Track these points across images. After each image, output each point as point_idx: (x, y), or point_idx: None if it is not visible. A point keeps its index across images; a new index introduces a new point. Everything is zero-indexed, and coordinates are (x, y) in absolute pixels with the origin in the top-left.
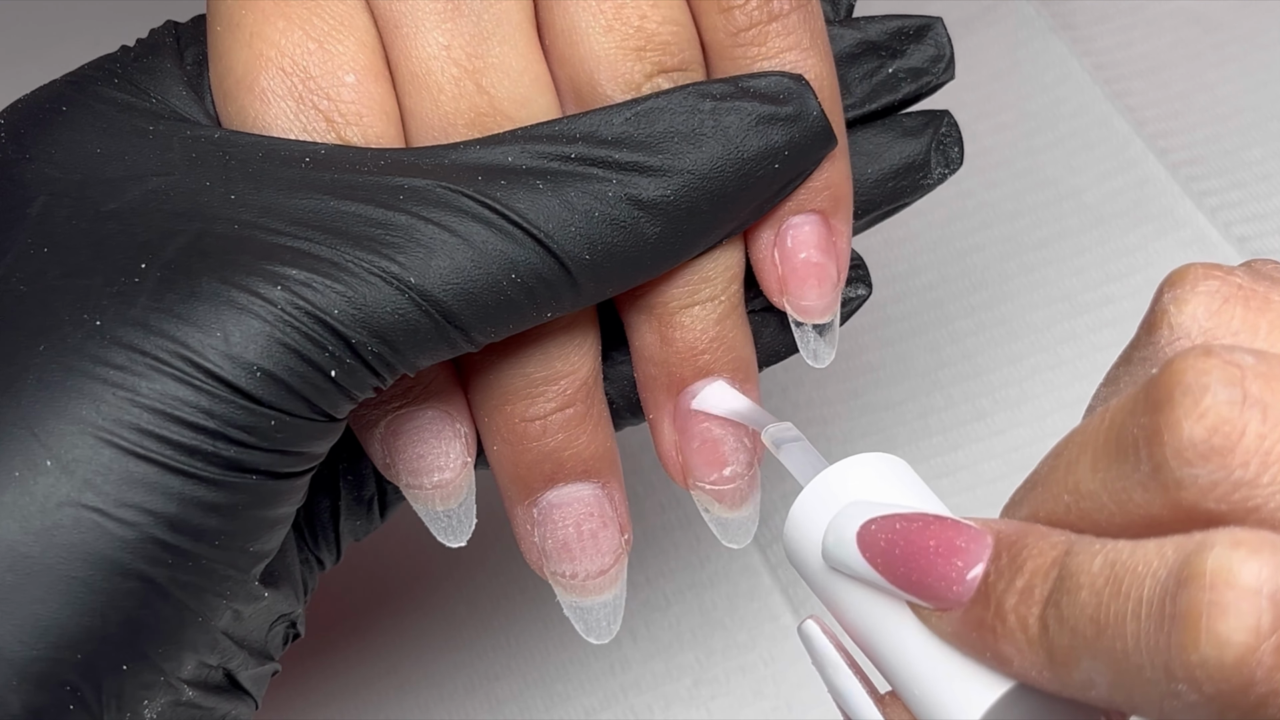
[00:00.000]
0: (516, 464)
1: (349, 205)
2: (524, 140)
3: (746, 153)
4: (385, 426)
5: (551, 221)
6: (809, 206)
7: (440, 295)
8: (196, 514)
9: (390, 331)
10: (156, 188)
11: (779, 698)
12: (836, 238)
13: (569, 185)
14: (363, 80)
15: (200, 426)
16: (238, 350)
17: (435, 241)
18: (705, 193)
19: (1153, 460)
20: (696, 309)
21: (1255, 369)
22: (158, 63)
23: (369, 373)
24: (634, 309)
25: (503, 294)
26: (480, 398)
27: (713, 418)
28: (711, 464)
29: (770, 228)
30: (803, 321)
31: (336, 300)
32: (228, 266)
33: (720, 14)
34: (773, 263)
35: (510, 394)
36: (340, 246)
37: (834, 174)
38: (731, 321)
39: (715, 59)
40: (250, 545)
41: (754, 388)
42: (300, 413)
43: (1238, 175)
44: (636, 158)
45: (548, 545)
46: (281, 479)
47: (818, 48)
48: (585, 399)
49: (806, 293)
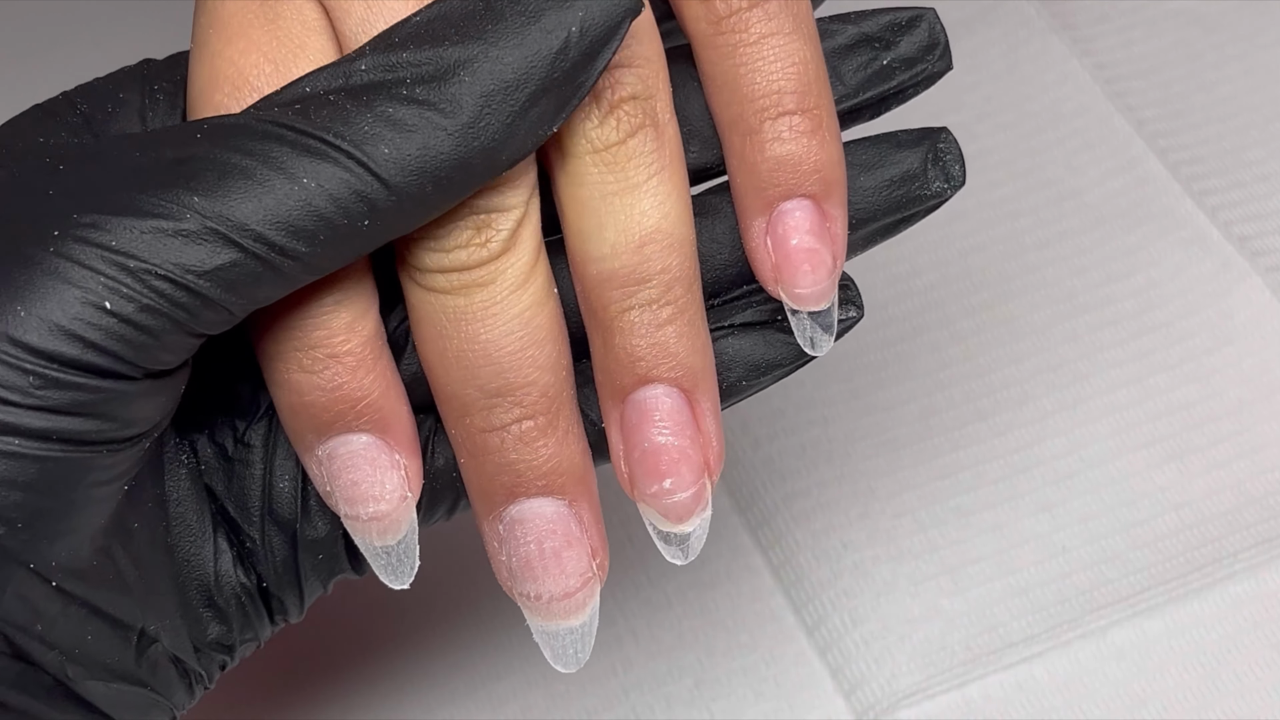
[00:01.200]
0: (479, 476)
1: (149, 154)
2: (318, 71)
3: (540, 23)
4: (322, 450)
5: (342, 125)
6: (799, 191)
7: (226, 213)
8: None
9: (184, 259)
10: (13, 173)
11: (780, 699)
12: (830, 223)
13: (363, 92)
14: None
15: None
16: (7, 303)
17: (227, 166)
18: (504, 67)
19: None
20: (634, 313)
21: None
22: (106, 87)
23: (179, 314)
24: (584, 315)
25: (310, 209)
26: (443, 409)
27: (655, 425)
28: (652, 474)
29: (761, 215)
30: (798, 309)
31: (116, 236)
32: (13, 229)
33: (701, 3)
34: (765, 250)
35: (468, 405)
36: (131, 189)
37: (822, 157)
38: (675, 328)
39: (699, 49)
40: (18, 520)
41: (706, 400)
42: (83, 362)
43: (1238, 175)
44: (426, 51)
45: (512, 563)
46: (49, 451)
47: (801, 32)
48: (547, 411)
49: (800, 279)
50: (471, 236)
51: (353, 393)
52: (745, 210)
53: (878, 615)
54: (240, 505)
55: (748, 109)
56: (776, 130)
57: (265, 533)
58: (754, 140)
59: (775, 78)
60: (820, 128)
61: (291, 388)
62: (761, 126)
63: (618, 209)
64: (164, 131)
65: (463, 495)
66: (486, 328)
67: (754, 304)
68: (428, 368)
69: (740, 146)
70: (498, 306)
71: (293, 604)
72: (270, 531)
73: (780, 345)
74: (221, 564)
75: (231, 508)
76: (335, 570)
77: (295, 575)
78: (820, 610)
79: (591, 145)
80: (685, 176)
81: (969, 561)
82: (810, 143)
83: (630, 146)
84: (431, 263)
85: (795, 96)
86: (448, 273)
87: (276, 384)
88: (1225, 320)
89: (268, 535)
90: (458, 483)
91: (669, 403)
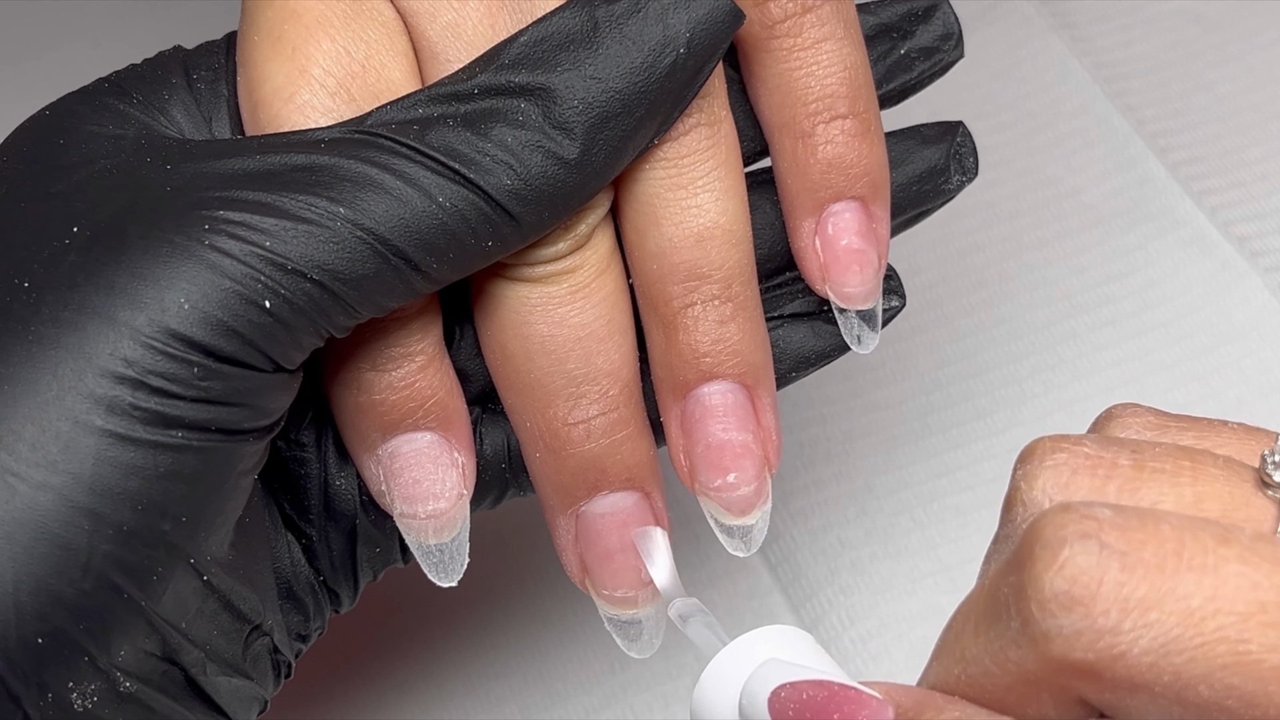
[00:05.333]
0: (559, 471)
1: (274, 158)
2: (430, 91)
3: (648, 45)
4: (383, 450)
5: (468, 153)
6: (849, 193)
7: (372, 225)
8: (115, 476)
9: (333, 264)
10: (103, 169)
11: None
12: (876, 224)
13: (479, 118)
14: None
15: (121, 377)
16: (171, 297)
17: (362, 178)
18: (615, 95)
19: (1021, 616)
20: (696, 309)
21: (1111, 520)
22: (154, 73)
23: (318, 316)
24: (644, 311)
25: (444, 227)
26: (522, 401)
27: (720, 420)
28: (716, 469)
29: (810, 216)
30: (845, 308)
31: (271, 237)
32: (158, 220)
33: (755, 7)
34: (814, 250)
35: (553, 395)
36: (273, 190)
37: (871, 160)
38: (737, 324)
39: (752, 51)
40: (184, 515)
41: (765, 394)
42: (233, 356)
43: (1238, 175)
44: (537, 75)
45: (589, 558)
46: (208, 442)
47: (851, 36)
48: (629, 403)
49: (849, 279)
50: (560, 234)
51: (422, 390)
52: (794, 210)
53: (875, 613)
54: (297, 503)
55: (800, 112)
56: (829, 134)
57: (323, 529)
58: (806, 143)
59: (828, 82)
60: (869, 130)
61: (362, 386)
62: (814, 130)
63: (675, 204)
64: (276, 138)
65: (509, 489)
66: (576, 310)
67: (799, 294)
68: (505, 359)
69: (792, 148)
70: (585, 290)
71: (346, 595)
72: (328, 527)
73: (827, 335)
74: (295, 555)
75: (289, 505)
76: (388, 560)
77: (351, 568)
78: (818, 608)
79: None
80: (742, 173)
81: (967, 559)
82: (860, 146)
83: (687, 143)
84: (518, 255)
85: (847, 101)
86: (534, 264)
87: (345, 383)
88: (1224, 320)
89: (326, 531)
90: (505, 474)
91: (731, 398)
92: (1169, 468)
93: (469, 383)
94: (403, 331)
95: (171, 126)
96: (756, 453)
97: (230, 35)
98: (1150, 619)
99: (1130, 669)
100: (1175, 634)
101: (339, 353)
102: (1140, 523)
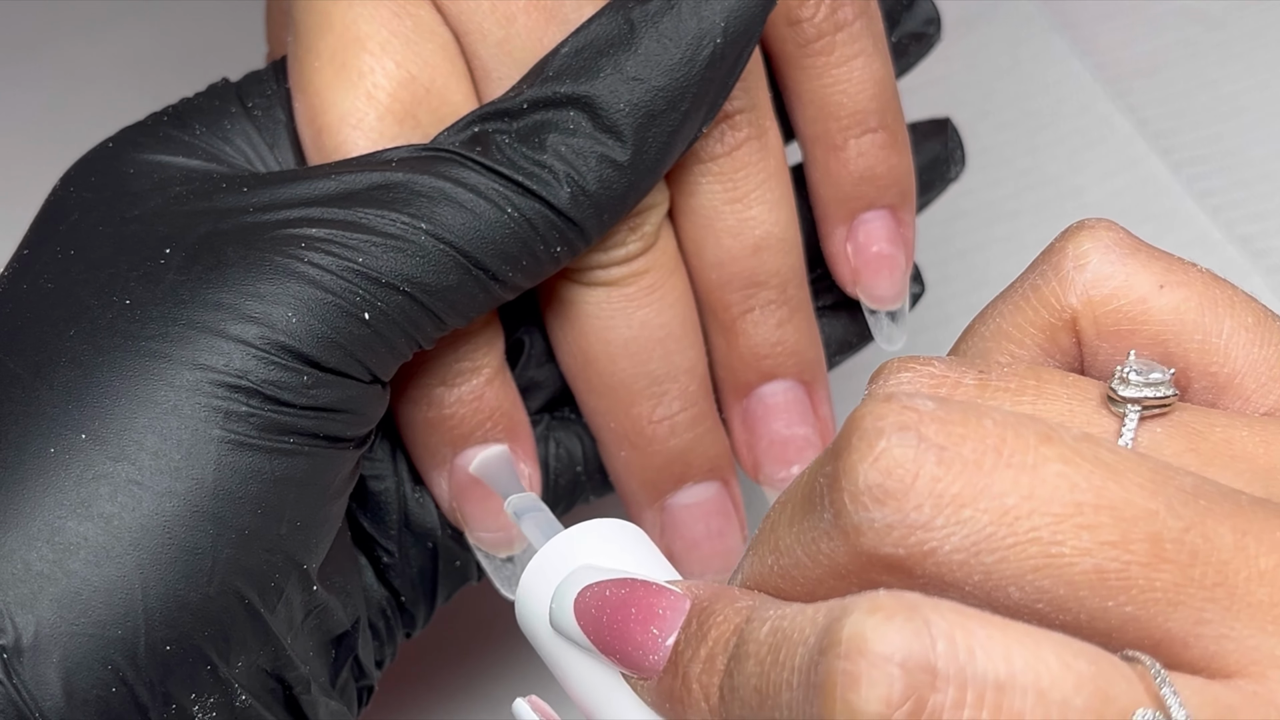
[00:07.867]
0: (645, 468)
1: (349, 177)
2: (483, 110)
3: (685, 39)
4: (451, 467)
5: (527, 165)
6: (879, 203)
7: (451, 238)
8: (235, 480)
9: (421, 277)
10: (178, 195)
11: None
12: (904, 229)
13: (532, 131)
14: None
15: (236, 387)
16: (279, 312)
17: (436, 192)
18: (658, 92)
19: (833, 507)
20: (755, 314)
21: (933, 413)
22: (211, 104)
23: (410, 327)
24: (704, 315)
25: (518, 236)
26: (605, 403)
27: (781, 416)
28: (780, 462)
29: (843, 224)
30: (876, 309)
31: (361, 253)
32: (252, 240)
33: (788, 27)
34: (846, 256)
35: (636, 394)
36: (354, 207)
37: (900, 170)
38: (793, 325)
39: (785, 68)
40: (298, 520)
41: (821, 388)
42: (336, 368)
43: (1240, 175)
44: (581, 84)
45: (675, 547)
46: (316, 448)
47: (879, 51)
48: (706, 397)
49: (880, 283)
50: (628, 235)
51: (490, 403)
52: (827, 218)
53: None
54: (376, 519)
55: (832, 126)
56: (861, 147)
57: (404, 545)
58: (839, 156)
59: (860, 97)
60: (897, 141)
61: (432, 401)
62: (846, 144)
63: (731, 217)
64: (346, 162)
65: (579, 495)
66: (655, 311)
67: (828, 287)
68: (587, 363)
69: (825, 160)
70: (660, 290)
71: (421, 615)
72: (407, 542)
73: (860, 324)
74: (369, 578)
75: (366, 522)
76: (465, 577)
77: (431, 585)
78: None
79: (702, 157)
80: (789, 180)
81: None
82: (890, 157)
83: (739, 157)
84: (591, 260)
85: (877, 115)
86: (608, 267)
87: (414, 400)
88: None
89: (406, 547)
90: (580, 479)
91: (792, 395)
92: (1013, 385)
93: (539, 391)
94: (469, 346)
95: (237, 155)
96: (817, 444)
97: (276, 63)
98: (963, 516)
99: (940, 566)
100: (988, 532)
101: (407, 371)
102: (963, 417)
